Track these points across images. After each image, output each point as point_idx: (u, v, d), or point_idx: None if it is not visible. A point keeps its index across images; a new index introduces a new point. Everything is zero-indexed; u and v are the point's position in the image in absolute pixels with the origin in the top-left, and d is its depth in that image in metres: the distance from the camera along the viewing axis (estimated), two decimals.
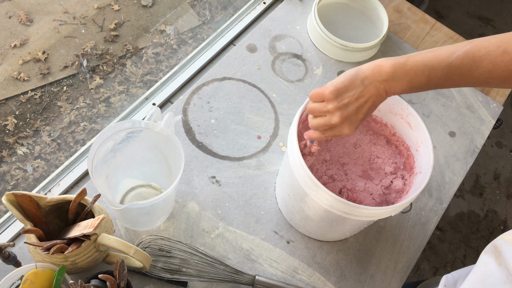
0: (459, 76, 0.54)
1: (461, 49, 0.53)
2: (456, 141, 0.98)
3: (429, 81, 0.55)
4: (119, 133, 0.68)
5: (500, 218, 1.82)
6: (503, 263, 0.56)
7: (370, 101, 0.58)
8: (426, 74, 0.55)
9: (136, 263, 0.66)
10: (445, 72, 0.54)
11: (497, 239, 0.57)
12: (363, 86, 0.57)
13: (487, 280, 0.56)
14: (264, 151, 0.89)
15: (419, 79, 0.55)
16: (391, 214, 0.66)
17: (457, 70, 0.53)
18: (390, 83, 0.57)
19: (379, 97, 0.58)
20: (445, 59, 0.54)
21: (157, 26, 1.67)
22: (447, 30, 1.14)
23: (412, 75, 0.56)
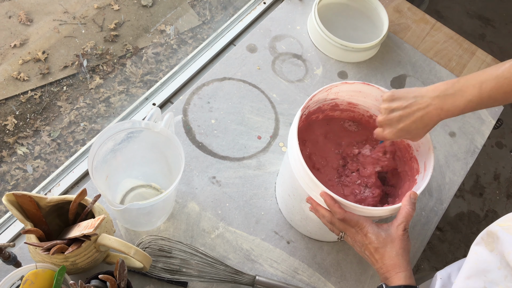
0: (509, 85, 0.57)
1: (507, 63, 0.57)
2: (456, 141, 0.98)
3: (481, 93, 0.58)
4: (119, 133, 0.68)
5: None
6: (497, 249, 0.56)
7: (417, 114, 0.62)
8: (478, 87, 0.58)
9: (136, 263, 0.66)
10: (495, 82, 0.57)
11: (492, 226, 0.58)
12: (414, 99, 0.62)
13: (480, 266, 0.57)
14: (264, 151, 0.89)
15: (471, 92, 0.59)
16: (391, 214, 0.66)
17: (506, 79, 0.57)
18: (442, 99, 0.61)
19: (427, 115, 0.62)
20: (494, 71, 0.58)
21: (157, 26, 1.67)
22: (447, 30, 1.14)
23: (464, 90, 0.59)
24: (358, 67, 1.03)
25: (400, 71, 1.05)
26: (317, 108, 0.77)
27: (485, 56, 1.12)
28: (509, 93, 0.57)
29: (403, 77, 1.04)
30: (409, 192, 0.64)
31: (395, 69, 1.05)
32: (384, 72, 1.04)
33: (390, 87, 1.02)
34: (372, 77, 1.02)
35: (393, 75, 1.04)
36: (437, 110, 0.61)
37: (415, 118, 0.63)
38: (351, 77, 1.01)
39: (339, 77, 1.01)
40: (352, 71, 1.02)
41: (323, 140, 0.81)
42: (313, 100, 0.72)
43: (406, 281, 0.59)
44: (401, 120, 0.64)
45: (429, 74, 1.06)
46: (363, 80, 1.01)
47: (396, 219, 0.63)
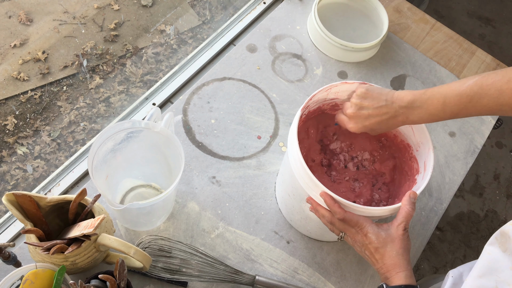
0: (470, 103, 0.59)
1: (471, 80, 0.59)
2: (456, 141, 0.98)
3: (445, 108, 0.61)
4: (119, 133, 0.68)
5: (500, 218, 1.82)
6: (509, 249, 0.56)
7: (383, 117, 0.66)
8: (442, 102, 0.61)
9: (136, 263, 0.66)
10: (457, 99, 0.59)
11: (505, 226, 0.59)
12: (385, 103, 0.66)
13: (492, 266, 0.58)
14: (264, 151, 0.89)
15: (435, 106, 0.61)
16: (391, 214, 0.66)
17: (468, 98, 0.59)
18: (409, 110, 0.64)
19: (393, 119, 0.66)
20: (457, 88, 0.60)
21: (157, 26, 1.67)
22: (447, 30, 1.14)
23: (429, 103, 0.62)
24: (358, 67, 1.03)
25: (400, 71, 1.05)
26: (317, 108, 0.77)
27: (485, 56, 1.12)
28: (470, 109, 0.59)
29: (403, 77, 1.04)
30: (409, 192, 0.64)
31: (395, 69, 1.05)
32: (384, 72, 1.04)
33: (390, 87, 1.02)
34: (372, 77, 1.03)
35: (393, 75, 1.04)
36: (403, 118, 0.65)
37: (381, 120, 0.67)
38: (351, 77, 1.01)
39: (339, 77, 1.01)
40: (352, 71, 1.02)
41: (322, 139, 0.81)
42: (313, 100, 0.72)
43: (407, 280, 0.59)
44: (367, 119, 0.68)
45: (429, 74, 1.06)
46: (363, 80, 1.01)
47: (396, 219, 0.63)
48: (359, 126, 0.69)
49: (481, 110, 0.59)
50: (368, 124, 0.68)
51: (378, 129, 0.69)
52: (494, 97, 0.57)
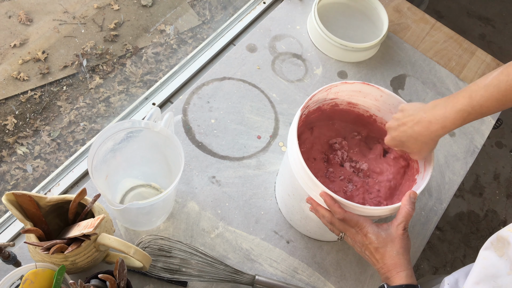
0: (499, 93, 0.57)
1: (497, 71, 0.58)
2: (456, 141, 0.98)
3: (471, 102, 0.58)
4: (119, 133, 0.68)
5: (500, 218, 1.82)
6: (507, 254, 0.56)
7: (409, 125, 0.64)
8: (467, 96, 0.59)
9: (136, 263, 0.66)
10: (484, 90, 0.57)
11: (503, 231, 0.58)
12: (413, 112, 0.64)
13: (489, 271, 0.57)
14: (264, 151, 0.89)
15: (461, 101, 0.59)
16: (391, 214, 0.66)
17: (496, 87, 0.57)
18: (433, 110, 0.62)
19: (419, 124, 0.63)
20: (482, 81, 0.58)
21: (157, 26, 1.67)
22: (447, 30, 1.14)
23: (455, 101, 0.60)
24: (358, 67, 1.03)
25: (400, 71, 1.05)
26: (317, 108, 0.77)
27: (485, 56, 1.12)
28: (500, 100, 0.57)
29: (403, 77, 1.04)
30: (409, 191, 0.64)
31: (395, 69, 1.05)
32: (384, 72, 1.04)
33: (389, 87, 1.02)
34: (372, 77, 1.03)
35: (393, 75, 1.04)
36: (426, 122, 0.62)
37: (407, 129, 0.64)
38: (350, 77, 1.01)
39: (339, 77, 1.01)
40: (352, 71, 1.02)
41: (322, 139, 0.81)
42: (313, 100, 0.72)
43: (407, 280, 0.59)
44: (397, 129, 0.66)
45: (428, 74, 1.06)
46: (363, 80, 1.01)
47: (396, 219, 0.63)
48: (389, 138, 0.68)
49: None
50: (396, 134, 0.66)
51: (408, 143, 0.65)
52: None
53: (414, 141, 0.64)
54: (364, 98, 0.76)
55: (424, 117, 0.62)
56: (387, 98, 0.73)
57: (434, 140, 0.63)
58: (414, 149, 0.66)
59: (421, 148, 0.65)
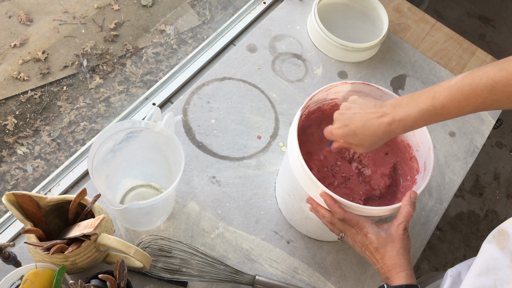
0: (462, 95, 0.55)
1: (462, 74, 0.57)
2: (456, 141, 0.98)
3: (434, 102, 0.57)
4: (119, 133, 0.68)
5: (500, 218, 1.82)
6: (507, 247, 0.56)
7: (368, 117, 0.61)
8: (431, 97, 0.57)
9: (136, 263, 0.66)
10: (448, 92, 0.56)
11: (503, 224, 0.58)
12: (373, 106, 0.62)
13: (490, 264, 0.57)
14: (264, 151, 0.89)
15: (424, 101, 0.58)
16: (391, 214, 0.66)
17: (458, 89, 0.55)
18: (396, 108, 0.60)
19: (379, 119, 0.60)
20: (447, 83, 0.57)
21: (157, 26, 1.67)
22: (447, 30, 1.14)
23: (419, 100, 0.58)
24: (358, 67, 1.03)
25: (400, 71, 1.05)
26: (317, 108, 0.77)
27: (485, 56, 1.12)
28: (462, 103, 0.56)
29: (403, 77, 1.04)
30: (409, 191, 0.64)
31: (395, 69, 1.05)
32: (384, 72, 1.04)
33: (390, 87, 1.02)
34: (372, 77, 1.03)
35: (393, 75, 1.04)
36: (389, 118, 0.60)
37: (365, 121, 0.62)
38: (351, 77, 1.01)
39: (339, 77, 1.01)
40: (352, 71, 1.02)
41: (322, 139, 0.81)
42: (313, 100, 0.72)
43: (408, 280, 0.59)
44: (352, 119, 0.63)
45: (428, 74, 1.06)
46: (363, 80, 1.01)
47: (396, 219, 0.63)
48: (340, 127, 0.64)
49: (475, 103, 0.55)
50: (351, 124, 0.63)
51: (361, 136, 0.62)
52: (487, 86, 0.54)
53: (370, 134, 0.61)
54: (364, 98, 0.75)
55: (386, 113, 0.60)
56: (387, 98, 0.73)
57: (389, 136, 0.61)
58: (365, 142, 0.63)
59: (373, 142, 0.62)
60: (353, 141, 0.63)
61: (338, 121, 0.65)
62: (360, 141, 0.63)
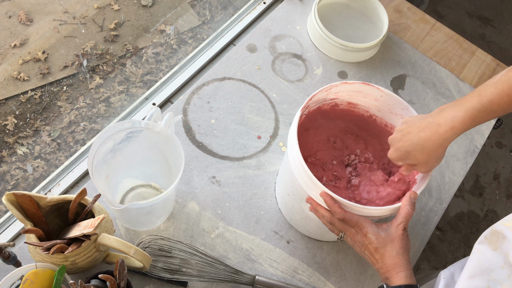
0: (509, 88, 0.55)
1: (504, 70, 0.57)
2: (456, 141, 0.98)
3: (481, 100, 0.57)
4: (119, 133, 0.68)
5: (500, 218, 1.81)
6: (501, 248, 0.56)
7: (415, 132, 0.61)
8: (476, 95, 0.57)
9: (136, 263, 0.66)
10: (494, 87, 0.56)
11: (496, 225, 0.58)
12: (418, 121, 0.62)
13: (483, 265, 0.57)
14: (264, 151, 0.89)
15: (470, 100, 0.57)
16: (391, 214, 0.66)
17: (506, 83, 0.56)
18: (440, 113, 0.60)
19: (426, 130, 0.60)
20: (491, 80, 0.57)
21: (157, 26, 1.67)
22: (447, 30, 1.14)
23: (464, 101, 0.58)
24: (358, 67, 1.03)
25: (400, 71, 1.05)
26: (317, 108, 0.77)
27: (485, 56, 1.12)
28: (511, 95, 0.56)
29: (403, 77, 1.04)
30: (409, 191, 0.64)
31: (395, 69, 1.05)
32: (384, 72, 1.04)
33: (390, 87, 1.02)
34: (372, 77, 1.03)
35: (393, 75, 1.04)
36: (435, 125, 0.59)
37: (412, 137, 0.61)
38: (351, 77, 1.02)
39: (339, 77, 1.01)
40: (352, 71, 1.02)
41: (323, 140, 0.81)
42: (313, 100, 0.72)
43: (407, 280, 0.59)
44: (401, 140, 0.63)
45: (428, 74, 1.06)
46: (363, 80, 1.01)
47: (396, 219, 0.63)
48: (393, 150, 0.65)
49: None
50: (401, 145, 0.63)
51: (413, 152, 0.61)
52: None
53: (420, 149, 0.60)
54: (364, 98, 0.76)
55: (431, 121, 0.59)
56: (387, 98, 0.73)
57: (442, 145, 0.59)
58: (420, 159, 0.61)
59: (428, 156, 0.61)
60: (410, 161, 0.63)
61: (391, 146, 0.66)
62: (416, 159, 0.62)
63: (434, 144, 0.59)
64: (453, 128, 0.58)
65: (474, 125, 0.58)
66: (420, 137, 0.60)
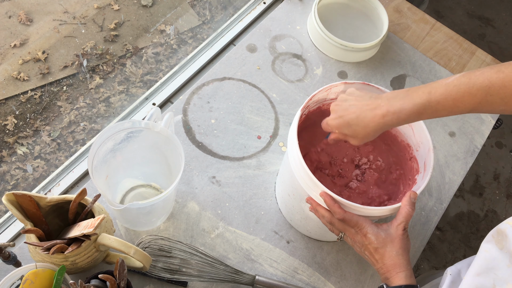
0: (457, 93, 0.56)
1: (459, 74, 0.57)
2: (456, 141, 0.98)
3: (430, 98, 0.57)
4: (119, 133, 0.68)
5: (500, 218, 1.82)
6: (506, 247, 0.57)
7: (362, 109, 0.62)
8: (427, 92, 0.58)
9: (136, 263, 0.66)
10: (444, 89, 0.57)
11: (501, 224, 0.59)
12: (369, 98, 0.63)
13: (489, 264, 0.58)
14: (264, 151, 0.89)
15: (420, 96, 0.58)
16: (391, 214, 0.66)
17: (455, 87, 0.56)
18: (391, 100, 0.60)
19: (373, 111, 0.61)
20: (444, 80, 0.58)
21: (157, 26, 1.67)
22: (447, 30, 1.14)
23: (415, 94, 0.59)
24: (358, 67, 1.03)
25: (400, 71, 1.05)
26: (317, 108, 0.77)
27: (485, 56, 1.12)
28: (457, 101, 0.56)
29: (403, 77, 1.04)
30: (409, 191, 0.64)
31: (395, 69, 1.05)
32: (384, 72, 1.04)
33: (390, 87, 1.02)
34: (372, 77, 1.03)
35: (393, 75, 1.04)
36: (383, 110, 0.60)
37: (359, 112, 0.62)
38: (351, 77, 1.02)
39: (339, 77, 1.01)
40: (352, 71, 1.02)
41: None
42: (313, 100, 0.72)
43: (407, 280, 0.59)
44: (347, 110, 0.64)
45: (428, 74, 1.06)
46: (363, 80, 1.01)
47: (396, 219, 0.63)
48: (335, 118, 0.65)
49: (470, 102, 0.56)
50: (345, 115, 0.63)
51: (354, 127, 0.63)
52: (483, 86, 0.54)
53: (363, 125, 0.62)
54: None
55: (381, 105, 0.60)
56: None
57: (382, 129, 0.62)
58: (359, 134, 0.63)
59: (367, 134, 0.62)
60: (347, 132, 0.64)
61: (334, 112, 0.66)
62: (354, 132, 0.63)
63: (376, 125, 0.61)
64: (398, 118, 0.59)
65: (417, 119, 0.60)
66: (366, 115, 0.61)
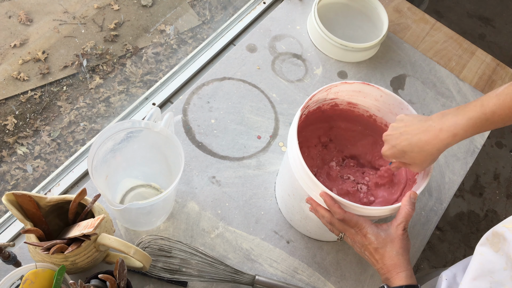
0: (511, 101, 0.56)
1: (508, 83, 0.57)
2: None
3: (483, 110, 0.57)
4: (119, 133, 0.68)
5: (500, 218, 1.82)
6: (502, 250, 0.57)
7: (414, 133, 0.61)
8: (479, 105, 0.58)
9: (136, 263, 0.66)
10: (496, 99, 0.57)
11: (497, 226, 0.58)
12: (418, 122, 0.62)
13: (485, 267, 0.58)
14: (264, 151, 0.89)
15: (473, 109, 0.58)
16: (391, 214, 0.66)
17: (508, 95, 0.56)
18: (442, 118, 0.60)
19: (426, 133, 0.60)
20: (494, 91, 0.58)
21: (157, 26, 1.67)
22: (447, 30, 1.14)
23: (467, 109, 0.59)
24: (357, 67, 1.03)
25: (400, 71, 1.05)
26: (317, 108, 0.77)
27: (484, 56, 1.12)
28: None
29: (402, 77, 1.04)
30: (409, 192, 0.64)
31: (395, 69, 1.05)
32: (384, 72, 1.04)
33: (389, 87, 1.02)
34: (371, 77, 1.03)
35: (393, 75, 1.04)
36: (435, 130, 0.59)
37: (411, 138, 0.62)
38: (350, 77, 1.01)
39: (339, 77, 1.01)
40: (352, 71, 1.02)
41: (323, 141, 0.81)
42: (313, 100, 0.72)
43: (407, 280, 0.59)
44: (398, 138, 0.63)
45: (428, 74, 1.06)
46: (362, 80, 1.01)
47: (396, 219, 0.63)
48: (389, 148, 0.65)
49: None
50: (398, 144, 0.63)
51: (410, 153, 0.62)
52: None
53: (418, 150, 0.61)
54: (364, 98, 0.76)
55: (433, 126, 0.60)
56: (387, 98, 0.73)
57: (440, 150, 0.60)
58: (416, 160, 0.63)
59: (424, 158, 0.62)
60: (405, 160, 0.64)
61: (386, 142, 0.66)
62: (411, 159, 0.63)
63: (433, 147, 0.60)
64: (455, 135, 0.59)
65: (474, 133, 0.59)
66: (419, 139, 0.61)
